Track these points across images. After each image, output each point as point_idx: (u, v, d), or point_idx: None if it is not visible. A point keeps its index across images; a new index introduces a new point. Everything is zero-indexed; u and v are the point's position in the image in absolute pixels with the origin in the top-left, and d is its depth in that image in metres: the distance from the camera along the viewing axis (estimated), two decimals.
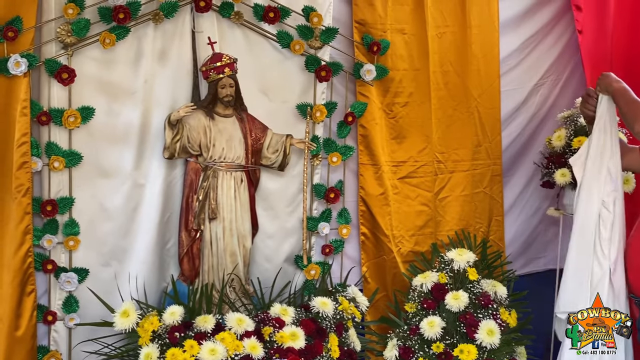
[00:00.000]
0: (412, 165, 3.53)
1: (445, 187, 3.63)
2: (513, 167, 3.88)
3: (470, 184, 3.68)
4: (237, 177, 3.15)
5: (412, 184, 3.54)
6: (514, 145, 3.84)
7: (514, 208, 3.90)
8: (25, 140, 2.77)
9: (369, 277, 3.52)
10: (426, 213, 3.58)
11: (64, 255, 2.98)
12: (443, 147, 3.59)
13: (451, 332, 3.12)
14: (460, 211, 3.66)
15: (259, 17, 3.16)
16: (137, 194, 3.05)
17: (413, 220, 3.55)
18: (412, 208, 3.55)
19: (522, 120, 3.83)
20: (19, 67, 2.73)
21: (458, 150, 3.63)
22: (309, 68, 3.29)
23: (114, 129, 2.99)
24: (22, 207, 2.79)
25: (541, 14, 3.77)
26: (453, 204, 3.65)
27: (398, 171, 3.52)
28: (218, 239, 3.13)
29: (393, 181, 3.50)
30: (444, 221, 3.62)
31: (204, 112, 3.09)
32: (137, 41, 2.98)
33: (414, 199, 3.54)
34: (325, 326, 3.07)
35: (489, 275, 3.37)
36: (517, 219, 3.91)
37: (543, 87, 3.84)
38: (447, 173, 3.62)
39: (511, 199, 3.89)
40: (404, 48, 3.46)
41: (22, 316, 2.83)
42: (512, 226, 3.88)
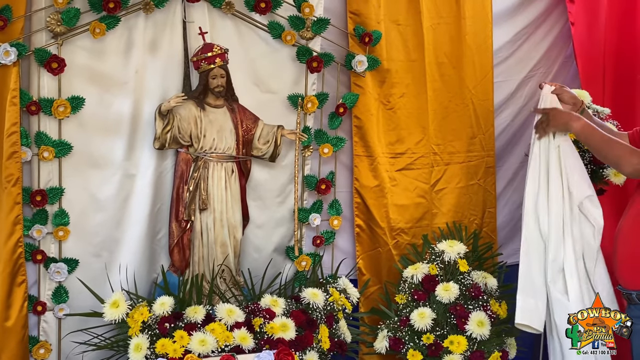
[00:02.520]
0: (409, 157, 3.52)
1: (442, 179, 3.62)
2: (503, 158, 3.89)
3: (465, 176, 3.68)
4: (228, 167, 3.15)
5: (411, 176, 3.53)
6: (504, 136, 3.84)
7: (502, 197, 3.90)
8: (14, 130, 2.76)
9: (363, 269, 3.52)
10: (423, 205, 3.57)
11: (53, 246, 2.98)
12: (439, 139, 3.59)
13: (441, 323, 3.13)
14: (456, 203, 3.65)
15: (250, 8, 3.14)
16: (127, 184, 3.04)
17: (411, 213, 3.54)
18: (411, 200, 3.54)
19: (511, 111, 3.83)
20: (9, 57, 2.72)
21: (453, 142, 3.63)
22: (300, 59, 3.28)
23: (105, 119, 2.98)
24: (12, 197, 2.78)
25: (534, 6, 3.77)
26: (449, 196, 3.64)
27: (396, 163, 3.51)
28: (209, 229, 3.12)
29: (391, 173, 3.49)
30: (440, 213, 3.61)
31: (194, 103, 3.08)
32: (128, 31, 2.97)
33: (412, 190, 3.53)
34: (316, 317, 3.08)
35: (479, 267, 3.38)
36: (504, 208, 3.91)
37: (532, 80, 3.83)
38: (442, 165, 3.61)
39: (500, 188, 3.89)
40: (399, 39, 3.45)
41: (12, 307, 2.82)
42: (499, 215, 3.88)
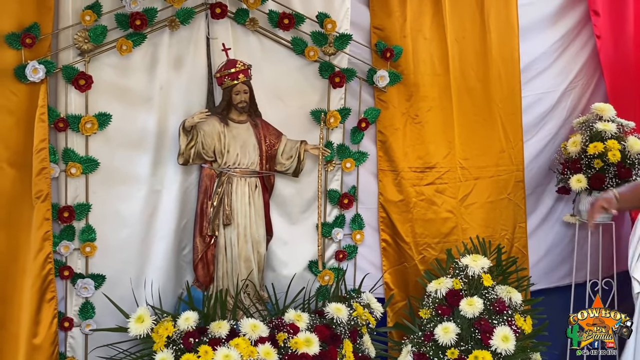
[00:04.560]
0: (437, 171, 3.52)
1: (471, 194, 3.60)
2: (549, 175, 3.82)
3: (495, 190, 3.65)
4: (252, 183, 3.16)
5: (439, 191, 3.52)
6: (549, 149, 3.80)
7: (553, 211, 3.83)
8: (43, 146, 2.79)
9: (391, 284, 3.51)
10: (451, 220, 3.56)
11: (80, 262, 3.00)
12: (466, 153, 3.58)
13: (466, 338, 3.11)
14: (486, 218, 3.63)
15: (274, 24, 3.17)
16: (153, 200, 3.06)
17: (438, 228, 3.53)
18: (438, 215, 3.53)
19: (555, 123, 3.79)
20: (37, 74, 2.75)
21: (482, 156, 3.61)
22: (322, 74, 3.29)
23: (130, 135, 3.01)
24: (42, 213, 2.81)
25: (568, 18, 3.76)
26: (479, 211, 3.62)
27: (424, 177, 3.50)
28: (232, 244, 3.13)
29: (419, 187, 3.49)
30: (470, 228, 3.59)
31: (218, 118, 3.10)
32: (153, 48, 3.00)
33: (439, 205, 3.53)
34: (340, 332, 3.07)
35: (503, 282, 3.36)
36: (552, 229, 3.85)
37: (574, 91, 3.81)
38: (471, 179, 3.59)
39: (550, 201, 3.82)
40: (425, 53, 3.45)
41: (41, 323, 2.83)
42: (548, 236, 3.81)
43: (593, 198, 3.00)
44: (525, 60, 3.68)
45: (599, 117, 3.58)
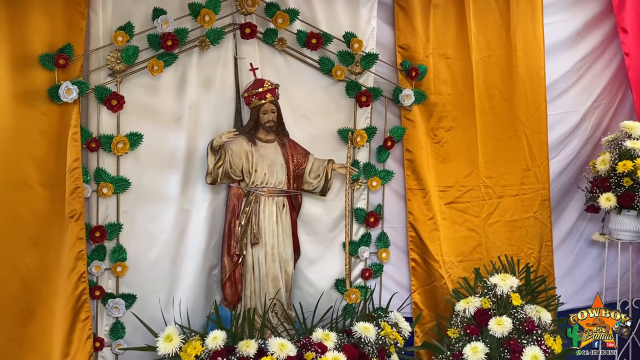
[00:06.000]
0: (458, 190, 3.52)
1: (495, 212, 3.59)
2: (570, 192, 3.81)
3: (519, 208, 3.64)
4: (279, 202, 3.16)
5: (459, 209, 3.52)
6: (571, 167, 3.78)
7: (574, 229, 3.82)
8: (76, 165, 2.82)
9: (420, 304, 3.49)
10: (474, 238, 3.55)
11: (111, 281, 3.01)
12: (490, 172, 3.57)
13: (495, 357, 3.08)
14: (511, 236, 3.62)
15: (302, 44, 3.19)
16: (183, 219, 3.08)
17: (460, 246, 3.52)
18: (459, 233, 3.52)
19: (578, 142, 3.78)
20: (70, 94, 2.78)
21: (506, 175, 3.61)
22: (349, 93, 3.31)
23: (160, 155, 3.03)
24: (75, 232, 2.82)
25: (592, 37, 3.76)
26: (503, 229, 3.61)
27: (445, 196, 3.50)
28: (260, 263, 3.13)
29: (440, 206, 3.49)
30: (494, 247, 3.58)
31: (246, 138, 3.12)
32: (182, 68, 3.03)
33: (461, 224, 3.52)
34: (368, 351, 3.05)
35: (532, 301, 3.32)
36: (575, 247, 3.83)
37: (597, 110, 3.80)
38: (495, 198, 3.59)
39: (567, 226, 3.82)
40: (447, 72, 3.47)
41: (73, 343, 2.82)
42: (571, 254, 3.79)
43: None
44: (549, 79, 3.68)
45: (627, 135, 3.56)
